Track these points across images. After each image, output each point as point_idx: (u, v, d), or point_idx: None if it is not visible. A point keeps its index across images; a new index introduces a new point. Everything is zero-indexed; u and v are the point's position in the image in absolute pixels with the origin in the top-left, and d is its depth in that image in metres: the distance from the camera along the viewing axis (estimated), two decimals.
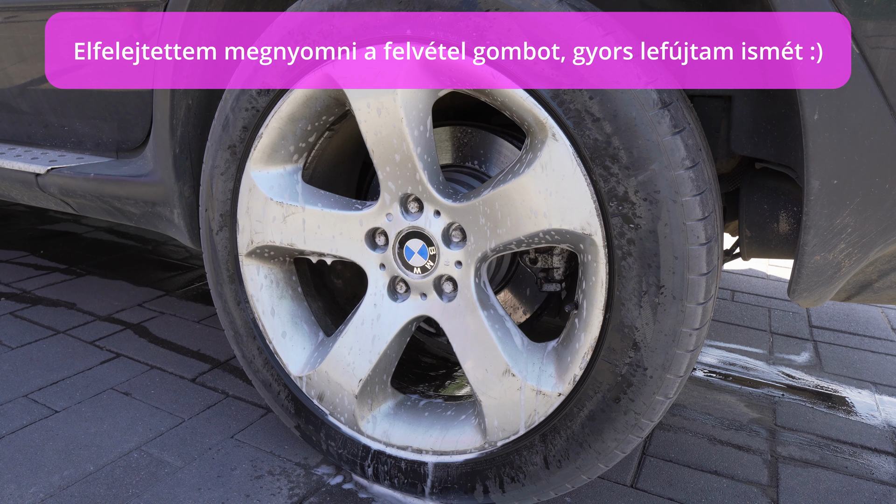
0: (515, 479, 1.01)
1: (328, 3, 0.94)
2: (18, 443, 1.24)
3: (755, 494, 1.18)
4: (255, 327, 1.17)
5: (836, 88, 0.71)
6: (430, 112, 0.94)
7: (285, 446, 1.27)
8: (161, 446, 1.25)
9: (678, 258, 0.81)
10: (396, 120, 0.92)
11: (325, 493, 1.14)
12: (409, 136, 0.92)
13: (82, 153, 1.50)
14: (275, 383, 1.19)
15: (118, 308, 1.89)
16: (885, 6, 0.68)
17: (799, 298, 0.86)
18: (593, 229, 0.84)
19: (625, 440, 0.92)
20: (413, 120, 0.92)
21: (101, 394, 1.43)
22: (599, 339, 0.89)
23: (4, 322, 1.76)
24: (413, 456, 1.09)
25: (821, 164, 0.74)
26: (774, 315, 2.06)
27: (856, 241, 0.78)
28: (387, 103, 0.91)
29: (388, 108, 0.91)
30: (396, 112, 0.91)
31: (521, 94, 0.84)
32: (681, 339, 0.84)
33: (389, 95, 0.91)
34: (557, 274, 1.15)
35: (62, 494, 1.11)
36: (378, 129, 0.94)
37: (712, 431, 1.38)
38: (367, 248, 1.04)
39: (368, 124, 0.94)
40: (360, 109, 0.94)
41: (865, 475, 1.26)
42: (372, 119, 0.94)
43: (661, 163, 0.79)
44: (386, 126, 0.93)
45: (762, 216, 1.01)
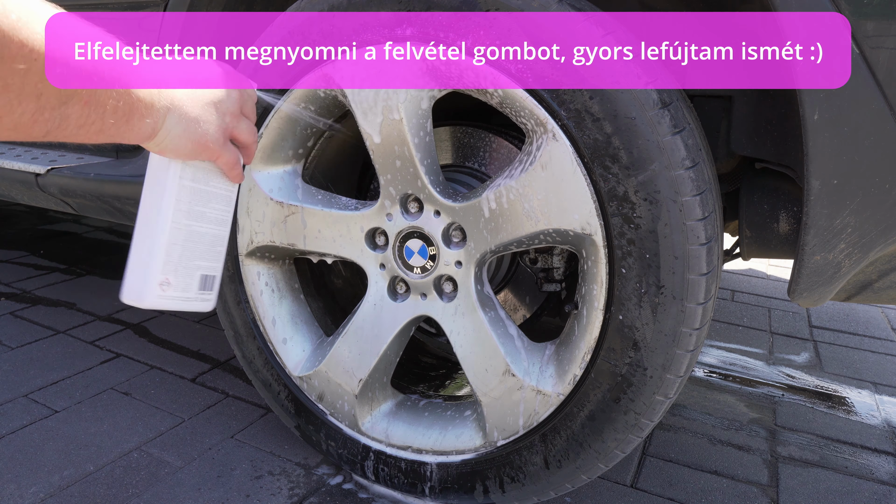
0: (515, 480, 1.01)
1: (328, 3, 0.94)
2: (18, 443, 1.24)
3: (755, 494, 1.18)
4: (255, 327, 1.17)
5: (836, 88, 0.71)
6: (430, 112, 0.94)
7: (285, 446, 1.27)
8: (161, 446, 1.25)
9: (678, 258, 0.81)
10: (396, 120, 0.92)
11: (325, 493, 1.14)
12: (409, 136, 0.92)
13: (82, 153, 1.50)
14: (275, 383, 1.19)
15: (118, 308, 1.89)
16: (885, 6, 0.68)
17: (799, 298, 0.86)
18: (593, 229, 0.84)
19: (625, 440, 0.92)
20: (413, 120, 0.92)
21: (101, 394, 1.43)
22: (599, 339, 0.89)
23: (4, 322, 1.76)
24: (413, 456, 1.09)
25: (821, 164, 0.74)
26: (774, 315, 2.06)
27: (856, 241, 0.78)
28: (387, 103, 0.91)
29: (388, 108, 0.92)
30: (396, 112, 0.91)
31: (521, 94, 0.84)
32: (681, 339, 0.84)
33: (389, 95, 0.91)
34: (557, 274, 1.15)
35: (62, 494, 1.11)
36: (378, 129, 0.94)
37: (712, 431, 1.38)
38: (368, 248, 1.04)
39: (368, 124, 0.94)
40: (359, 109, 0.94)
41: (865, 475, 1.26)
42: (372, 119, 0.94)
43: (661, 163, 0.79)
44: (386, 126, 0.93)
45: (762, 216, 1.01)
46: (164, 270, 0.79)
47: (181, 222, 0.80)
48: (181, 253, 0.81)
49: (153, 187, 0.79)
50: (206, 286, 0.86)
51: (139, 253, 0.79)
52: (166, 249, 0.79)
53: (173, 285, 0.81)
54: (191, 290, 0.84)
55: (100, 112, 0.56)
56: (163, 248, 0.79)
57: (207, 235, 0.84)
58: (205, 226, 0.83)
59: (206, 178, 0.82)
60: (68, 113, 0.53)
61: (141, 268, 0.79)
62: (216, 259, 0.87)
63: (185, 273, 0.82)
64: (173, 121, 0.68)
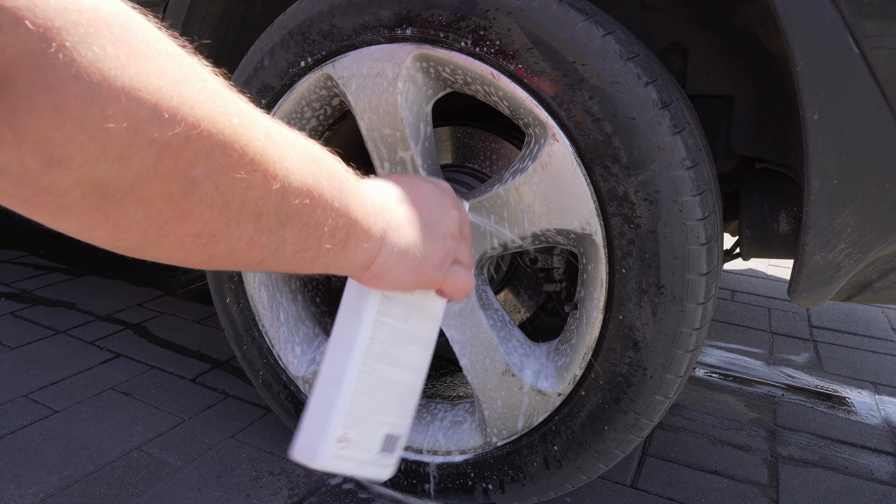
0: (516, 480, 1.01)
1: (328, 3, 0.94)
2: (18, 443, 1.24)
3: (755, 494, 1.18)
4: (255, 327, 1.17)
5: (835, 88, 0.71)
6: (430, 112, 0.94)
7: (285, 446, 1.26)
8: (161, 446, 1.25)
9: (678, 258, 0.81)
10: (396, 120, 0.92)
11: (325, 493, 1.14)
12: (409, 136, 0.92)
13: None
14: (275, 383, 1.19)
15: (118, 308, 1.89)
16: (885, 6, 0.68)
17: (799, 298, 0.86)
18: (593, 229, 0.84)
19: (625, 440, 0.92)
20: (413, 120, 0.92)
21: (101, 394, 1.43)
22: (599, 339, 0.89)
23: (4, 322, 1.76)
24: (413, 456, 1.09)
25: (821, 164, 0.74)
26: (774, 315, 2.06)
27: (856, 241, 0.78)
28: (387, 103, 0.91)
29: (388, 108, 0.92)
30: (396, 112, 0.91)
31: (522, 94, 0.84)
32: (681, 339, 0.84)
33: (389, 96, 0.91)
34: (557, 274, 1.15)
35: (62, 494, 1.11)
36: (378, 129, 0.94)
37: (712, 431, 1.38)
38: None
39: (368, 124, 0.94)
40: (359, 109, 0.94)
41: (865, 475, 1.26)
42: (372, 119, 0.94)
43: (661, 163, 0.79)
44: (386, 126, 0.93)
45: (762, 216, 1.01)
46: (346, 424, 0.65)
47: (374, 367, 0.66)
48: (368, 404, 0.66)
49: (345, 323, 0.66)
50: (388, 447, 0.71)
51: (319, 402, 0.65)
52: (352, 399, 0.65)
53: (353, 442, 0.66)
54: (371, 451, 0.69)
55: (317, 236, 0.50)
56: (348, 395, 0.64)
57: (399, 385, 0.70)
58: (399, 372, 0.69)
59: (407, 315, 0.68)
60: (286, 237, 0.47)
61: (319, 419, 0.64)
62: (405, 415, 0.72)
63: (369, 429, 0.68)
64: (390, 247, 0.59)
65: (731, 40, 0.95)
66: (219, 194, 0.40)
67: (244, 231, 0.43)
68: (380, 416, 0.69)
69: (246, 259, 0.46)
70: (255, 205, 0.43)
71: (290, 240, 0.47)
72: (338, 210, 0.51)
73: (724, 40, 0.95)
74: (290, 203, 0.46)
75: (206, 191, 0.39)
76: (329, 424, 0.64)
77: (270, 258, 0.47)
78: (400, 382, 0.70)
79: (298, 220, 0.47)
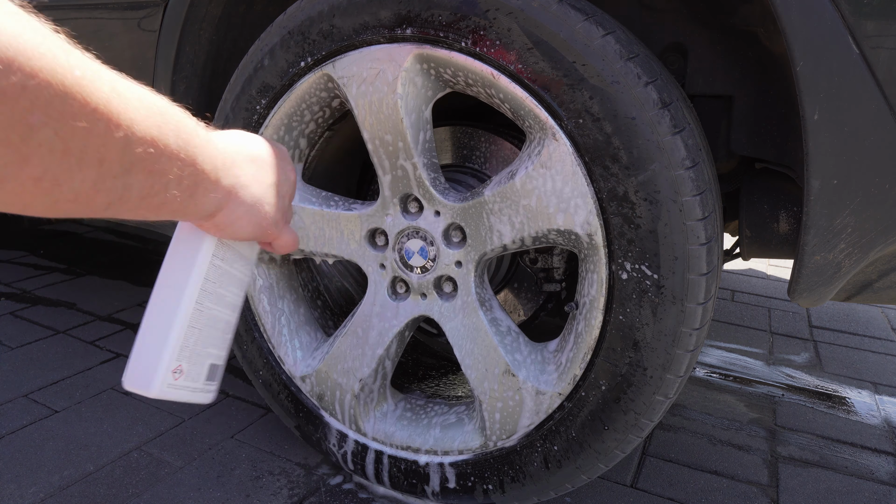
0: (516, 480, 1.01)
1: (328, 3, 0.94)
2: (18, 443, 1.24)
3: (755, 494, 1.18)
4: (255, 327, 1.17)
5: (835, 88, 0.71)
6: (430, 112, 0.94)
7: (285, 446, 1.27)
8: (161, 446, 1.25)
9: (678, 258, 0.81)
10: (396, 120, 0.92)
11: (325, 493, 1.14)
12: (409, 136, 0.92)
13: None
14: (275, 383, 1.19)
15: (118, 308, 1.89)
16: (885, 6, 0.68)
17: (799, 298, 0.86)
18: (593, 229, 0.84)
19: (625, 440, 0.92)
20: (413, 120, 0.92)
21: (101, 394, 1.43)
22: (599, 338, 0.89)
23: (4, 322, 1.76)
24: (413, 456, 1.09)
25: (821, 164, 0.74)
26: (774, 315, 2.06)
27: (856, 241, 0.78)
28: (386, 103, 0.91)
29: (388, 108, 0.92)
30: (396, 112, 0.91)
31: (522, 94, 0.84)
32: (681, 339, 0.84)
33: (389, 95, 0.91)
34: (557, 274, 1.15)
35: (62, 494, 1.11)
36: (378, 129, 0.94)
37: (712, 431, 1.38)
38: (368, 248, 1.04)
39: (368, 124, 0.94)
40: (359, 109, 0.94)
41: (865, 475, 1.26)
42: (372, 119, 0.94)
43: (661, 163, 0.79)
44: (386, 126, 0.93)
45: (762, 216, 1.01)
46: (180, 357, 0.71)
47: (205, 305, 0.73)
48: (198, 338, 0.73)
49: (178, 263, 0.71)
50: (212, 376, 0.79)
51: (152, 335, 0.70)
52: (186, 334, 0.71)
53: (185, 374, 0.73)
54: (199, 379, 0.76)
55: (163, 183, 0.52)
56: (182, 331, 0.70)
57: (223, 321, 0.78)
58: (223, 311, 0.77)
59: (234, 260, 0.76)
60: (131, 182, 0.49)
61: (153, 352, 0.70)
62: (224, 347, 0.80)
63: (198, 361, 0.75)
64: (238, 201, 0.64)
65: (731, 40, 0.95)
66: (59, 140, 0.42)
67: (87, 175, 0.45)
68: (207, 349, 0.76)
69: (91, 203, 0.48)
70: (97, 151, 0.45)
71: (136, 185, 0.50)
72: (184, 160, 0.54)
73: (724, 40, 0.95)
74: (133, 151, 0.48)
75: (45, 136, 0.41)
76: (164, 357, 0.70)
77: (117, 203, 0.50)
78: (223, 319, 0.78)
79: (143, 168, 0.50)
